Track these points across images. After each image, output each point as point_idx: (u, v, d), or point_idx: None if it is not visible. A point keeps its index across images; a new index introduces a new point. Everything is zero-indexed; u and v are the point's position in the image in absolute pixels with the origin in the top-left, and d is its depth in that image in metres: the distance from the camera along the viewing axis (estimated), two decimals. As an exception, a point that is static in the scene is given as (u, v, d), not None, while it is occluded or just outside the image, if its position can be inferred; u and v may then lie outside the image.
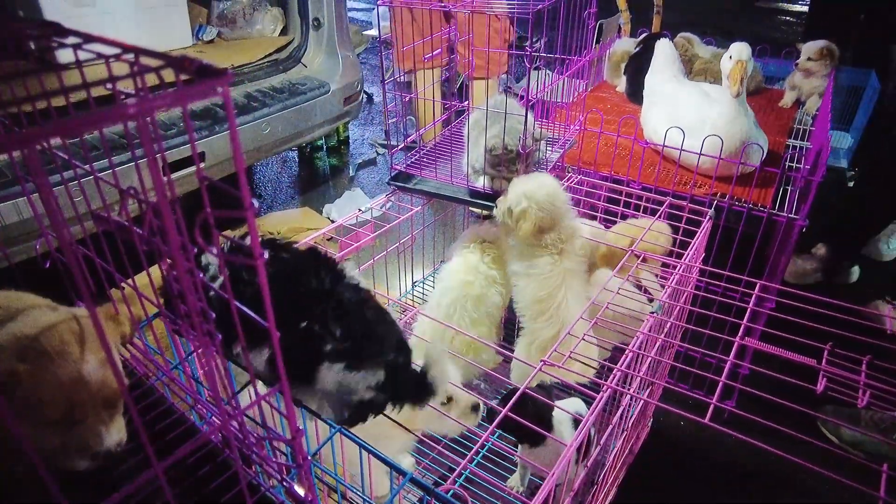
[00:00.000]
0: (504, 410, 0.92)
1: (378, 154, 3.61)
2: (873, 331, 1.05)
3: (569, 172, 1.70)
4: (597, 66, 2.62)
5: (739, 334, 1.05)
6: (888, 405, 0.94)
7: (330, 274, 0.84)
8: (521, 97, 1.45)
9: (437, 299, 1.40)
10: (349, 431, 0.83)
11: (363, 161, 3.54)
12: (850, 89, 3.24)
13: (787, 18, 6.69)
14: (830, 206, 2.58)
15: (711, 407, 0.94)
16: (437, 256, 1.97)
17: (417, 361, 0.93)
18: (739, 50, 1.68)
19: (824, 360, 1.00)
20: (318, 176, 3.46)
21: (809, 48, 2.30)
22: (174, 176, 2.22)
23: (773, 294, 1.20)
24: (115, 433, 0.63)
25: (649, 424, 1.73)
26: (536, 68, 3.16)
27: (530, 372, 1.02)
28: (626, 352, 1.02)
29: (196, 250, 0.48)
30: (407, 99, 1.59)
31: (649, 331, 1.07)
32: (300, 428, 0.49)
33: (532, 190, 1.24)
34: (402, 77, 2.20)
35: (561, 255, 1.32)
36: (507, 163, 1.37)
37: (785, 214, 1.60)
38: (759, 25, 6.53)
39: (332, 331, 0.79)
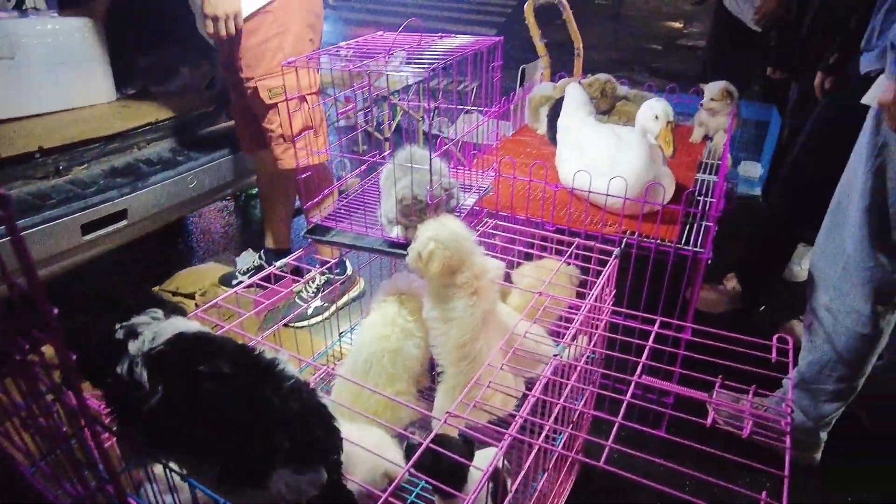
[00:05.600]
0: (406, 467, 0.93)
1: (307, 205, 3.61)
2: (761, 361, 1.12)
3: (486, 219, 1.75)
4: (520, 110, 2.73)
5: (637, 373, 1.09)
6: (769, 433, 0.99)
7: (276, 390, 0.88)
8: (437, 143, 1.50)
9: (354, 355, 1.40)
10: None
11: (298, 207, 3.53)
12: (758, 122, 3.48)
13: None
14: (745, 233, 2.72)
15: (616, 425, 0.97)
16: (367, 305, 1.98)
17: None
18: (664, 111, 1.70)
19: (715, 394, 1.06)
20: (254, 223, 3.43)
21: (711, 89, 2.46)
22: (94, 235, 2.17)
23: (672, 330, 1.26)
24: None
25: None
26: (467, 112, 3.24)
27: (451, 421, 1.03)
28: (528, 396, 1.04)
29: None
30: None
31: (553, 374, 1.11)
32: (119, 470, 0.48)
33: (436, 231, 1.28)
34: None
35: (477, 296, 1.34)
36: (418, 213, 1.41)
37: (690, 248, 1.69)
38: (680, 63, 6.93)
39: (283, 445, 0.85)
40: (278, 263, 1.42)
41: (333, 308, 2.36)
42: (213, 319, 1.29)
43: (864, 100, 1.52)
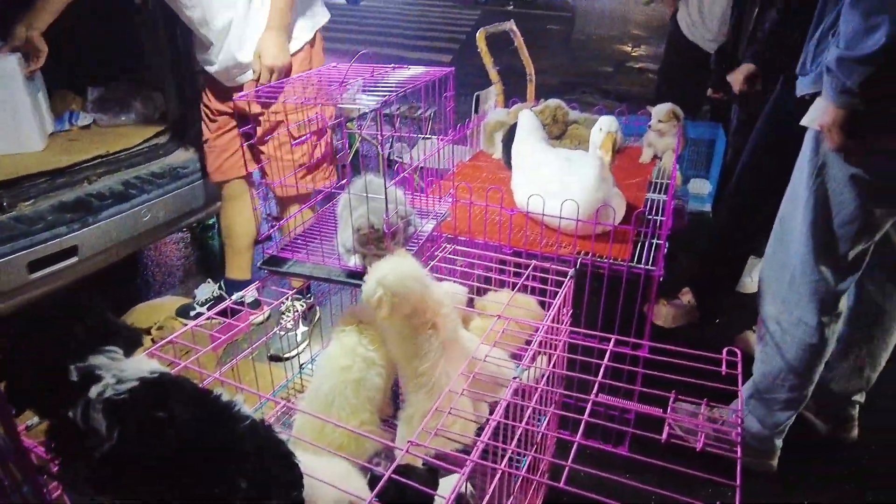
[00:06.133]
0: (369, 498, 0.92)
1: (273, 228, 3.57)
2: (716, 374, 1.15)
3: (445, 244, 1.77)
4: (476, 136, 2.78)
5: (594, 392, 1.12)
6: (723, 444, 1.03)
7: (231, 432, 0.88)
8: (396, 169, 1.52)
9: (316, 388, 1.37)
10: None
11: (257, 238, 3.49)
12: (706, 141, 3.62)
13: (654, 76, 7.40)
14: (698, 249, 2.81)
15: (575, 445, 0.99)
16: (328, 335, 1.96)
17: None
18: (609, 123, 1.83)
19: (670, 409, 1.08)
20: (210, 255, 3.37)
21: (658, 111, 2.56)
22: (42, 273, 2.10)
23: (629, 347, 1.29)
24: None
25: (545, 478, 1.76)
26: (426, 138, 3.27)
27: (413, 450, 1.02)
28: (490, 421, 1.05)
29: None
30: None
31: (514, 396, 1.12)
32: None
33: (384, 275, 1.26)
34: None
35: (435, 328, 1.34)
36: (375, 241, 1.41)
37: (643, 266, 1.74)
38: (629, 85, 7.19)
39: (240, 485, 0.84)
40: (235, 296, 1.40)
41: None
42: (169, 357, 1.27)
43: (804, 122, 1.59)
